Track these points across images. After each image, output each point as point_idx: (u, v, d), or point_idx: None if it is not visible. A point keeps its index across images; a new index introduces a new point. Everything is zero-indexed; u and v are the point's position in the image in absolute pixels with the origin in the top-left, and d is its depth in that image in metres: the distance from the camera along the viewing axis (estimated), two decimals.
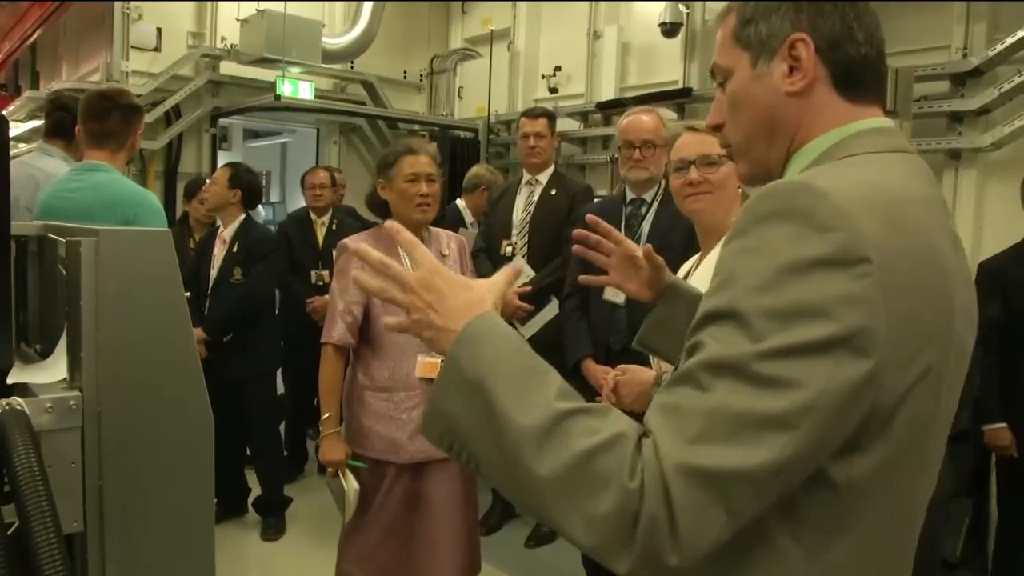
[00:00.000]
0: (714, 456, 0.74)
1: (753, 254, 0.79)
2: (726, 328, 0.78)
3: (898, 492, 0.85)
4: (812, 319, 0.75)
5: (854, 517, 0.82)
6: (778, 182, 0.84)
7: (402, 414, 2.41)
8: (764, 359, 0.75)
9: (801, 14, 0.92)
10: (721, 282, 0.81)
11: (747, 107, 0.97)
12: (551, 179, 3.78)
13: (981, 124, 3.96)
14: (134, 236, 1.11)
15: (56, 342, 1.16)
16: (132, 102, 2.59)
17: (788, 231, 0.78)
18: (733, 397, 0.75)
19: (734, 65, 0.98)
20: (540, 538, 3.76)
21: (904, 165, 0.90)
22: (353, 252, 2.40)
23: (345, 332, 2.41)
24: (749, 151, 1.00)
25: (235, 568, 3.50)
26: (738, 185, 1.83)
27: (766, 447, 0.74)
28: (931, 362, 0.81)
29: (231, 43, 6.08)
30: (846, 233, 0.76)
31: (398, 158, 2.47)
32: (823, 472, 0.80)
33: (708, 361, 0.78)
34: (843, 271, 0.76)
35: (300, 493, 4.13)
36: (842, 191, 0.79)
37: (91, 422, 1.04)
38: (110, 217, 2.31)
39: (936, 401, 0.84)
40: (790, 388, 0.74)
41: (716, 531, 0.75)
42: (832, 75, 0.92)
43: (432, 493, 2.45)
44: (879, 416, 0.79)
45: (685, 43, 5.30)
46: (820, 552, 0.82)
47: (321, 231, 4.50)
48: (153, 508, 1.10)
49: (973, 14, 4.01)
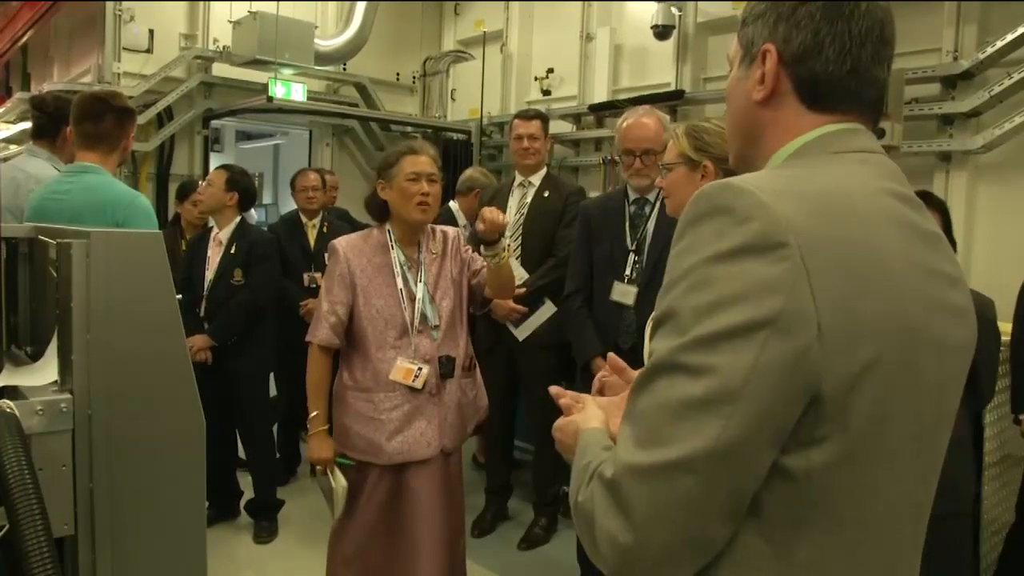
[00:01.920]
0: (656, 453, 0.78)
1: (685, 254, 0.84)
2: (666, 329, 0.83)
3: (862, 489, 0.84)
4: (733, 306, 0.78)
5: (818, 514, 0.83)
6: (706, 186, 0.87)
7: (381, 415, 2.40)
8: (691, 349, 0.79)
9: (779, 25, 0.94)
10: (664, 286, 0.86)
11: (729, 103, 1.03)
12: (544, 181, 3.79)
13: (972, 126, 3.98)
14: (125, 238, 1.10)
15: (47, 344, 1.15)
16: (126, 105, 2.58)
17: (712, 228, 0.82)
18: (669, 391, 0.80)
19: (733, 61, 1.02)
20: (533, 540, 3.75)
21: (859, 163, 0.92)
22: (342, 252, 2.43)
23: (329, 333, 2.41)
24: (732, 143, 1.06)
25: (227, 571, 3.48)
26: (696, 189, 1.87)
27: (703, 434, 0.77)
28: (879, 352, 0.81)
29: (223, 45, 6.07)
30: (762, 222, 0.79)
31: (399, 158, 2.46)
32: (782, 466, 0.81)
33: (651, 365, 0.83)
34: (760, 257, 0.78)
35: (292, 496, 4.11)
36: (763, 186, 0.83)
37: (82, 425, 1.04)
38: (100, 219, 2.30)
39: (893, 392, 0.83)
40: (718, 373, 0.77)
41: (671, 525, 0.79)
42: (796, 88, 0.94)
43: (414, 494, 2.44)
44: (830, 406, 0.79)
45: (677, 45, 5.31)
46: (786, 549, 0.83)
47: (312, 233, 4.49)
48: (145, 511, 1.10)
49: (964, 17, 4.03)
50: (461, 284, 2.58)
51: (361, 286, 2.43)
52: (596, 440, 0.94)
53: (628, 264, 2.91)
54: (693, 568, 0.83)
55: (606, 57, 5.79)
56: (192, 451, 1.13)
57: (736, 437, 0.77)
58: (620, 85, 5.82)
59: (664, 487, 0.78)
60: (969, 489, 2.46)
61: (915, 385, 0.86)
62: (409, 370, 2.40)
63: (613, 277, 2.93)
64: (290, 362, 4.24)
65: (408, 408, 2.41)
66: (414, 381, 2.40)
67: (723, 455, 0.77)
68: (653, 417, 0.80)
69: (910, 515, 0.92)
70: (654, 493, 0.78)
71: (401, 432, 2.40)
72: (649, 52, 5.58)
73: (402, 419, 2.41)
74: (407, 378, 2.40)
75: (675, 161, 1.95)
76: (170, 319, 1.12)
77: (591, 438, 0.96)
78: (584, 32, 6.03)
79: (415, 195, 2.43)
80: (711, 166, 1.88)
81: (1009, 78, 3.72)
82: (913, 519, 0.92)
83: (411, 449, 2.41)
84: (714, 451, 0.77)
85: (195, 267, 3.77)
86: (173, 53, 6.01)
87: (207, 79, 6.12)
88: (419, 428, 2.42)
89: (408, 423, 2.41)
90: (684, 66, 5.33)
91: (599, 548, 0.82)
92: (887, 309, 0.82)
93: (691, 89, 5.21)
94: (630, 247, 2.93)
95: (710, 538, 0.81)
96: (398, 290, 2.44)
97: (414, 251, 2.52)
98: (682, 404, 0.78)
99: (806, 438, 0.80)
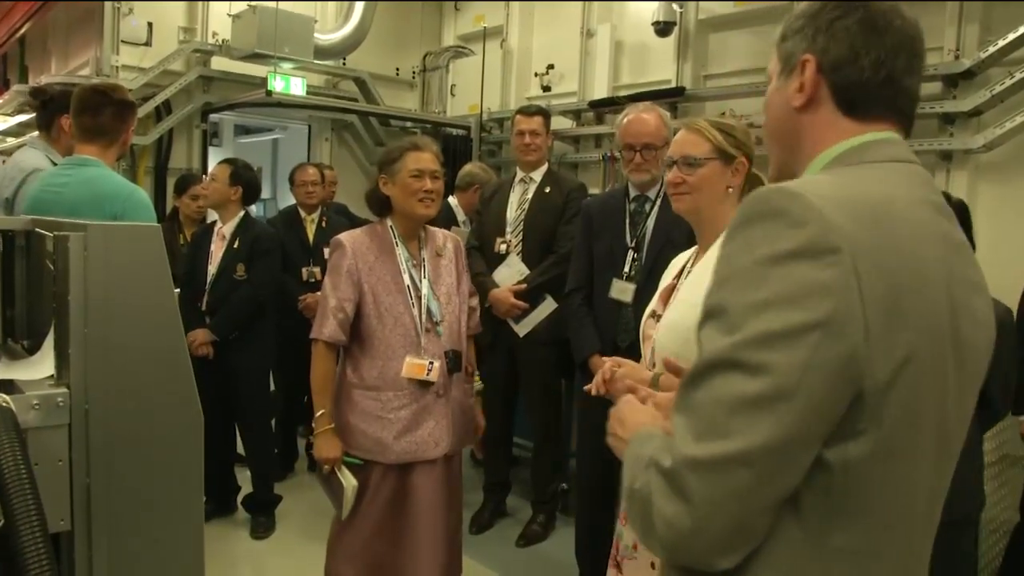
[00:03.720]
0: (714, 446, 0.83)
1: (738, 254, 0.89)
2: (717, 324, 0.88)
3: (893, 480, 0.90)
4: (788, 306, 0.83)
5: (851, 503, 0.88)
6: (759, 189, 0.92)
7: (389, 414, 2.39)
8: (747, 347, 0.84)
9: (818, 36, 1.01)
10: (714, 283, 0.91)
11: (769, 112, 1.11)
12: (545, 177, 3.78)
13: (973, 126, 3.97)
14: (123, 231, 1.09)
15: (44, 338, 1.14)
16: (126, 98, 2.56)
17: (765, 230, 0.87)
18: (726, 387, 0.85)
19: (772, 73, 1.10)
20: (530, 537, 3.75)
21: (897, 173, 0.98)
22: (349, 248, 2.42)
23: (336, 329, 2.40)
24: (772, 151, 1.12)
25: (224, 567, 3.48)
26: (728, 186, 1.83)
27: (759, 429, 0.82)
28: (913, 348, 0.87)
29: (222, 38, 6.03)
30: (816, 227, 0.84)
31: (402, 154, 2.46)
32: (821, 458, 0.86)
33: (706, 359, 0.87)
34: (814, 260, 0.83)
35: (290, 491, 4.11)
36: (816, 191, 0.88)
37: (79, 419, 1.03)
38: (98, 212, 2.28)
39: (923, 391, 0.89)
40: (773, 371, 0.82)
41: (726, 515, 0.84)
42: (834, 95, 1.01)
43: (415, 494, 2.44)
44: (869, 402, 0.85)
45: (678, 42, 5.29)
46: (821, 536, 0.89)
47: (311, 228, 4.48)
48: (142, 506, 1.09)
49: (965, 16, 4.02)
50: (461, 294, 2.60)
51: (369, 283, 2.42)
52: (653, 435, 1.00)
53: (627, 261, 2.91)
54: (741, 554, 0.88)
55: (606, 53, 5.77)
56: (190, 446, 1.13)
57: (790, 433, 0.82)
58: (620, 82, 5.80)
59: (721, 479, 0.83)
60: (976, 496, 2.46)
61: (941, 385, 0.92)
62: (421, 365, 2.40)
63: (612, 274, 2.92)
64: (288, 357, 4.24)
65: (416, 408, 2.41)
66: (428, 375, 2.40)
67: (777, 450, 0.83)
68: (710, 411, 0.85)
69: (928, 505, 0.97)
70: (712, 484, 0.83)
71: (410, 432, 2.40)
72: (650, 49, 5.56)
73: (410, 418, 2.40)
74: (420, 373, 2.39)
75: (708, 156, 1.84)
76: (168, 313, 1.10)
77: (648, 432, 1.02)
78: (585, 28, 6.00)
79: (418, 191, 2.43)
80: (745, 163, 1.84)
81: (1011, 77, 3.71)
82: (929, 508, 0.98)
83: (419, 449, 2.41)
84: (769, 446, 0.82)
85: (198, 261, 3.76)
86: (172, 46, 5.98)
87: (206, 73, 6.09)
88: (427, 428, 2.42)
89: (417, 423, 2.41)
90: (685, 63, 5.31)
91: (655, 531, 0.87)
92: (922, 312, 0.88)
93: (692, 86, 5.19)
94: (629, 244, 2.93)
95: (758, 526, 0.87)
96: (405, 287, 2.44)
97: (416, 247, 2.53)
98: (739, 400, 0.83)
99: (846, 432, 0.86)
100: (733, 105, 4.82)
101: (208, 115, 6.31)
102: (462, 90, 7.01)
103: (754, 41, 5.03)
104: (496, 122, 6.62)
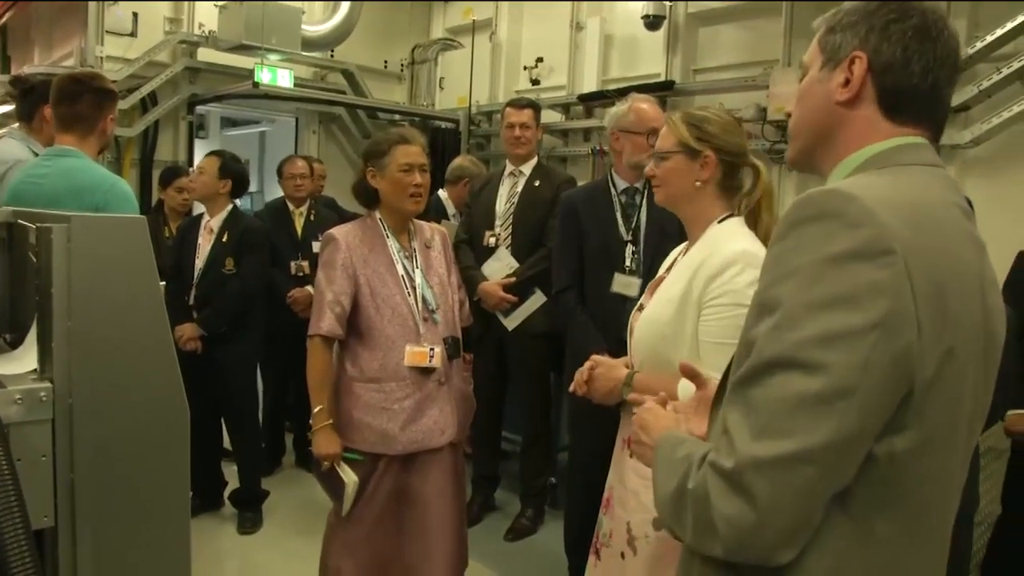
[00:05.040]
0: (777, 445, 0.85)
1: (792, 253, 0.91)
2: (774, 322, 0.89)
3: (933, 471, 0.94)
4: (846, 306, 0.85)
5: (894, 493, 0.92)
6: (812, 191, 0.94)
7: (393, 404, 2.38)
8: (806, 346, 0.86)
9: (871, 35, 1.02)
10: (767, 281, 0.93)
11: (805, 102, 1.11)
12: (535, 170, 3.77)
13: (960, 121, 4.00)
14: (107, 223, 1.08)
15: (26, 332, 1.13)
16: (104, 86, 2.52)
17: (821, 230, 0.89)
18: (786, 386, 0.86)
19: (811, 64, 1.10)
20: (520, 531, 3.75)
21: (930, 176, 1.01)
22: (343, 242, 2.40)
23: (334, 323, 2.38)
24: (797, 139, 1.14)
25: (211, 562, 3.46)
26: (696, 180, 1.81)
27: (820, 427, 0.84)
28: (954, 342, 0.90)
29: (209, 29, 5.98)
30: (872, 228, 0.87)
31: (391, 147, 2.44)
32: (868, 451, 0.89)
33: (765, 358, 0.89)
34: (870, 261, 0.86)
35: (277, 486, 4.09)
36: (869, 195, 0.90)
37: (62, 414, 1.01)
38: (78, 203, 2.24)
39: (961, 386, 0.93)
40: (833, 370, 0.84)
41: (791, 511, 0.86)
42: (879, 96, 1.03)
43: (422, 484, 2.44)
44: (917, 397, 0.88)
45: (668, 36, 5.30)
46: (866, 525, 0.92)
47: (299, 221, 4.45)
48: (127, 502, 1.08)
49: (953, 12, 4.03)
50: (452, 284, 2.60)
51: (365, 275, 2.41)
52: (683, 438, 1.04)
53: (627, 255, 2.89)
54: (800, 548, 0.90)
55: (596, 47, 5.76)
56: (176, 441, 1.11)
57: (850, 430, 0.85)
58: (610, 75, 5.80)
59: (786, 477, 0.85)
60: (973, 495, 2.48)
61: (974, 380, 0.96)
62: (423, 352, 2.39)
63: (611, 269, 2.89)
64: (276, 352, 4.22)
65: (420, 396, 2.40)
66: (431, 362, 2.39)
67: (838, 447, 0.85)
68: (771, 410, 0.87)
69: (956, 493, 1.01)
70: (776, 483, 0.85)
71: (415, 421, 2.39)
72: (639, 42, 5.56)
73: (414, 408, 2.40)
74: (423, 360, 2.39)
75: (672, 149, 1.84)
76: (154, 306, 1.09)
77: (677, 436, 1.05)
78: (574, 21, 6.00)
79: (409, 186, 2.42)
80: (713, 157, 1.80)
81: (998, 73, 3.73)
82: (957, 497, 1.02)
83: (425, 438, 2.41)
84: (831, 443, 0.85)
85: (184, 255, 3.72)
86: (158, 37, 5.92)
87: (192, 64, 6.04)
88: (432, 416, 2.42)
89: (421, 412, 2.41)
90: (674, 57, 5.32)
91: (717, 531, 0.88)
92: (962, 310, 0.92)
93: (681, 80, 5.20)
94: (626, 238, 2.90)
95: (817, 520, 0.89)
96: (400, 277, 2.44)
97: (406, 239, 2.53)
98: (800, 398, 0.85)
99: (893, 426, 0.89)
100: (723, 99, 4.83)
101: (194, 107, 6.26)
102: (451, 83, 6.99)
103: (743, 35, 5.04)
104: (485, 115, 6.60)
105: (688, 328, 1.72)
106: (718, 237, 1.78)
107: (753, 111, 4.53)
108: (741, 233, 1.77)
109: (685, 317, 1.73)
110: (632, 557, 1.80)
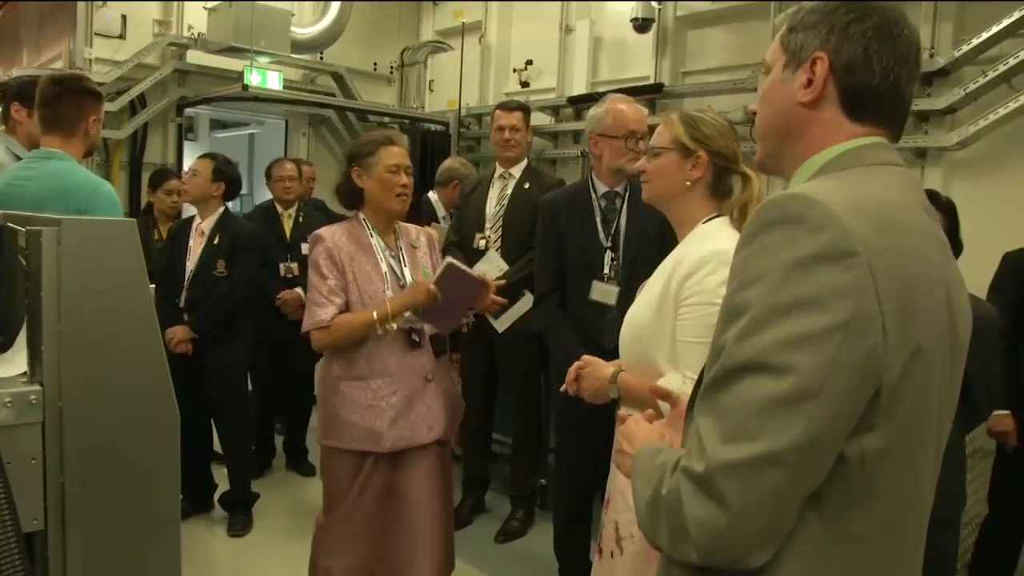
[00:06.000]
0: (745, 447, 0.86)
1: (757, 258, 0.91)
2: (740, 326, 0.90)
3: (904, 469, 0.95)
4: (811, 309, 0.85)
5: (867, 493, 0.92)
6: (774, 195, 0.94)
7: (380, 401, 2.39)
8: (774, 349, 0.86)
9: (832, 35, 1.03)
10: (736, 286, 0.93)
11: (768, 103, 1.11)
12: (524, 173, 3.77)
13: (947, 123, 4.03)
14: (97, 226, 1.08)
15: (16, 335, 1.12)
16: (85, 86, 2.50)
17: (785, 235, 0.89)
18: (754, 389, 0.87)
19: (773, 64, 1.10)
20: (510, 533, 3.75)
21: (892, 176, 1.01)
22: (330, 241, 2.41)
23: (337, 312, 2.38)
24: (763, 141, 1.14)
25: (202, 565, 3.45)
26: (687, 179, 1.83)
27: (788, 429, 0.85)
28: (921, 341, 0.90)
29: (198, 31, 5.97)
30: (835, 232, 0.87)
31: (378, 147, 2.46)
32: (840, 452, 0.89)
33: (732, 362, 0.90)
34: (834, 264, 0.86)
35: (267, 489, 4.09)
36: (832, 198, 0.90)
37: (52, 417, 1.01)
38: (62, 206, 2.23)
39: (928, 384, 0.94)
40: (799, 372, 0.85)
41: (763, 513, 0.87)
42: (841, 97, 1.03)
43: (410, 482, 2.44)
44: (884, 397, 0.89)
45: (657, 39, 5.32)
46: (839, 526, 0.92)
47: (288, 224, 4.44)
48: (117, 505, 1.07)
49: (940, 15, 4.07)
50: None
51: (352, 273, 2.42)
52: (660, 447, 1.06)
53: (606, 263, 2.86)
54: (774, 549, 0.91)
55: (585, 49, 5.78)
56: (166, 444, 1.11)
57: (818, 431, 0.85)
58: (599, 78, 5.82)
59: (755, 479, 0.85)
60: (960, 496, 2.49)
61: (941, 378, 0.97)
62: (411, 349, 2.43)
63: (590, 276, 2.86)
64: (264, 355, 4.20)
65: (407, 393, 2.41)
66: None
67: (807, 448, 0.85)
68: (739, 413, 0.87)
69: (929, 491, 1.02)
70: (745, 485, 0.86)
71: (403, 418, 2.40)
72: (628, 45, 5.58)
73: (403, 404, 2.40)
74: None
75: (666, 146, 1.85)
76: (143, 309, 1.09)
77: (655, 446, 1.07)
78: (564, 24, 6.01)
79: (396, 186, 2.45)
80: (705, 158, 1.82)
81: (984, 76, 3.76)
82: (929, 495, 1.03)
83: (413, 435, 2.42)
84: (799, 444, 0.85)
85: (175, 257, 3.71)
86: (146, 39, 5.90)
87: (181, 66, 6.01)
88: (420, 413, 2.43)
89: (409, 408, 2.41)
90: (663, 60, 5.34)
91: (689, 535, 0.89)
92: (927, 310, 0.93)
93: (670, 83, 5.22)
94: (605, 244, 2.87)
95: (789, 522, 0.90)
96: (384, 275, 2.45)
97: (392, 239, 2.55)
98: (767, 401, 0.86)
99: (862, 426, 0.89)
100: (711, 101, 4.85)
101: (183, 109, 6.23)
102: (440, 85, 6.99)
103: (732, 38, 5.06)
104: (475, 118, 6.61)
105: (667, 328, 1.73)
106: (700, 237, 1.79)
107: (741, 114, 4.55)
108: (723, 233, 1.77)
109: (664, 317, 1.73)
110: (619, 556, 1.80)
